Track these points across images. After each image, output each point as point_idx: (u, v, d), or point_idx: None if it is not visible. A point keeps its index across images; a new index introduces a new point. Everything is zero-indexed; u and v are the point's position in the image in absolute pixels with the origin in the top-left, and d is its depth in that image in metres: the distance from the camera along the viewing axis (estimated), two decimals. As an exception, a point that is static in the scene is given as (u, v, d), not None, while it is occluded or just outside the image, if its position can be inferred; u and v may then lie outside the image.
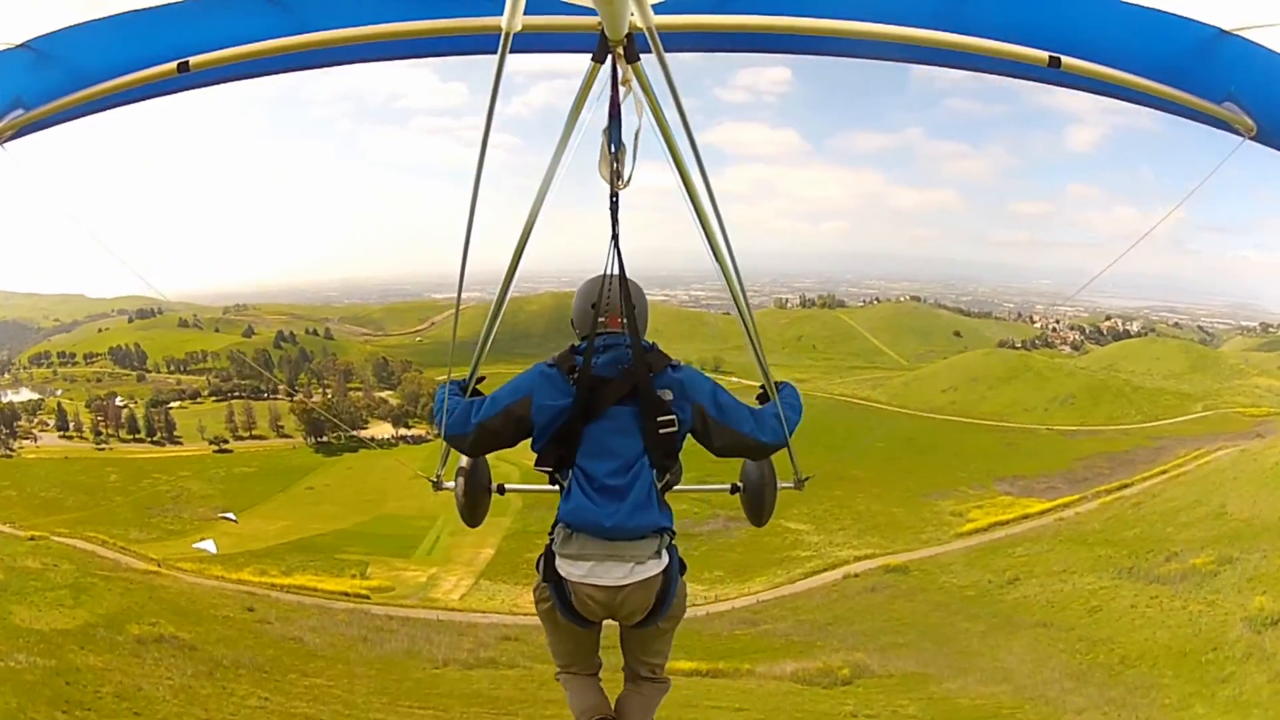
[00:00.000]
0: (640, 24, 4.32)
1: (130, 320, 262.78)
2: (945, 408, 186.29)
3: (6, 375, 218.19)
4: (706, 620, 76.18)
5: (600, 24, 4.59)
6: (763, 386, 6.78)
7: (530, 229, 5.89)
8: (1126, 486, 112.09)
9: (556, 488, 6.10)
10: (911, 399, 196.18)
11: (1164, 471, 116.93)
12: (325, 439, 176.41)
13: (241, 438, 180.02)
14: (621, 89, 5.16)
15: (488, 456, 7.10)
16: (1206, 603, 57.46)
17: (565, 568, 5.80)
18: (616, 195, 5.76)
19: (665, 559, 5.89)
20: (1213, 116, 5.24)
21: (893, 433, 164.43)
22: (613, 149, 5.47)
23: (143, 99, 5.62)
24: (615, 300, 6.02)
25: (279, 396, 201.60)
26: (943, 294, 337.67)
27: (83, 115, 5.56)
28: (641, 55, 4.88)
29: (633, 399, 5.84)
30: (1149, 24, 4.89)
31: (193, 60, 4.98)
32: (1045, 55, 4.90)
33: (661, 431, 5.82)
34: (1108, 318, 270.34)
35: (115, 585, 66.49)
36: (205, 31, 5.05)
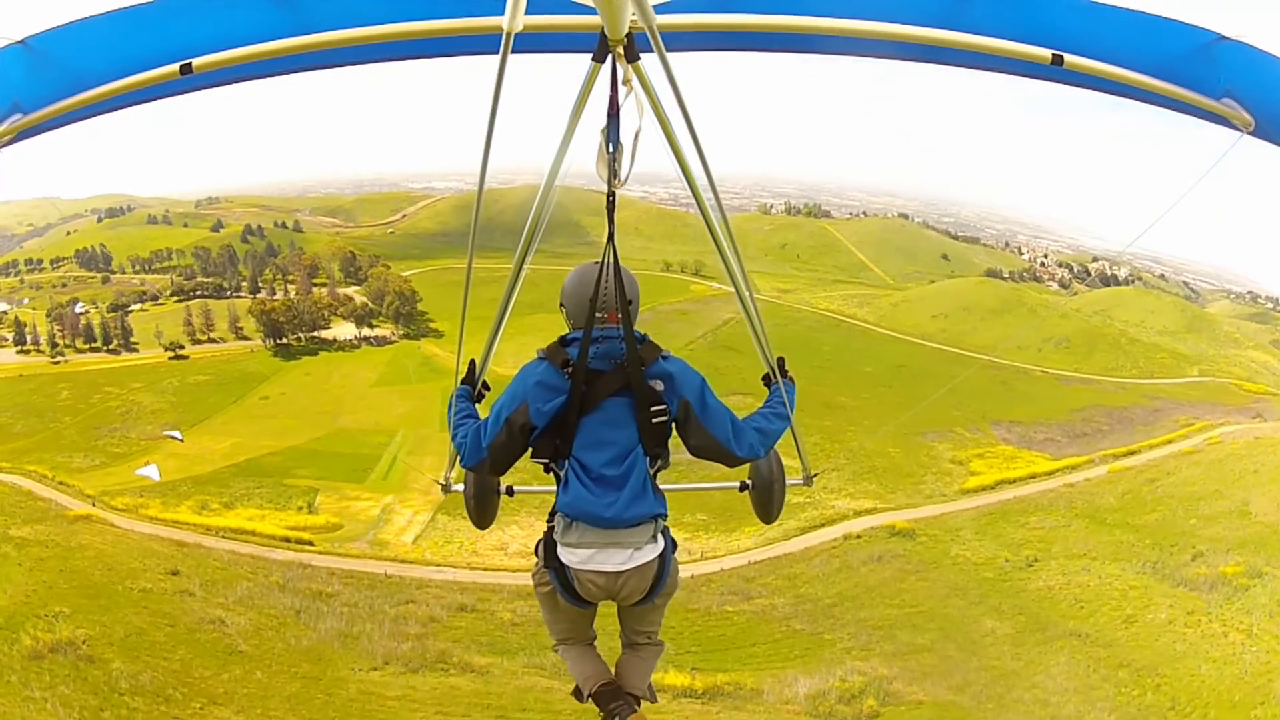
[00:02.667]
0: (641, 24, 4.19)
1: (100, 220, 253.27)
2: (936, 335, 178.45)
3: None
4: (694, 589, 69.41)
5: (601, 24, 4.45)
6: (765, 376, 6.78)
7: (533, 230, 6.00)
8: (1133, 454, 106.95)
9: (545, 471, 6.05)
10: (900, 322, 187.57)
11: (1169, 441, 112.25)
12: (285, 341, 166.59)
13: (199, 341, 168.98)
14: (622, 89, 5.05)
15: None
16: (1246, 632, 55.89)
17: (566, 555, 5.76)
18: (613, 194, 5.85)
19: (661, 543, 5.87)
20: (1212, 112, 5.20)
21: (881, 357, 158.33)
22: (610, 148, 5.37)
23: (143, 101, 5.37)
24: (612, 297, 5.87)
25: (242, 295, 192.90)
26: (926, 212, 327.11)
27: (82, 118, 5.29)
28: (642, 55, 4.73)
29: (626, 391, 5.73)
30: (1150, 27, 4.95)
31: (195, 62, 4.75)
32: (1049, 53, 4.84)
33: (654, 421, 5.73)
34: (1094, 259, 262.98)
35: (28, 556, 60.45)
36: (206, 30, 4.86)
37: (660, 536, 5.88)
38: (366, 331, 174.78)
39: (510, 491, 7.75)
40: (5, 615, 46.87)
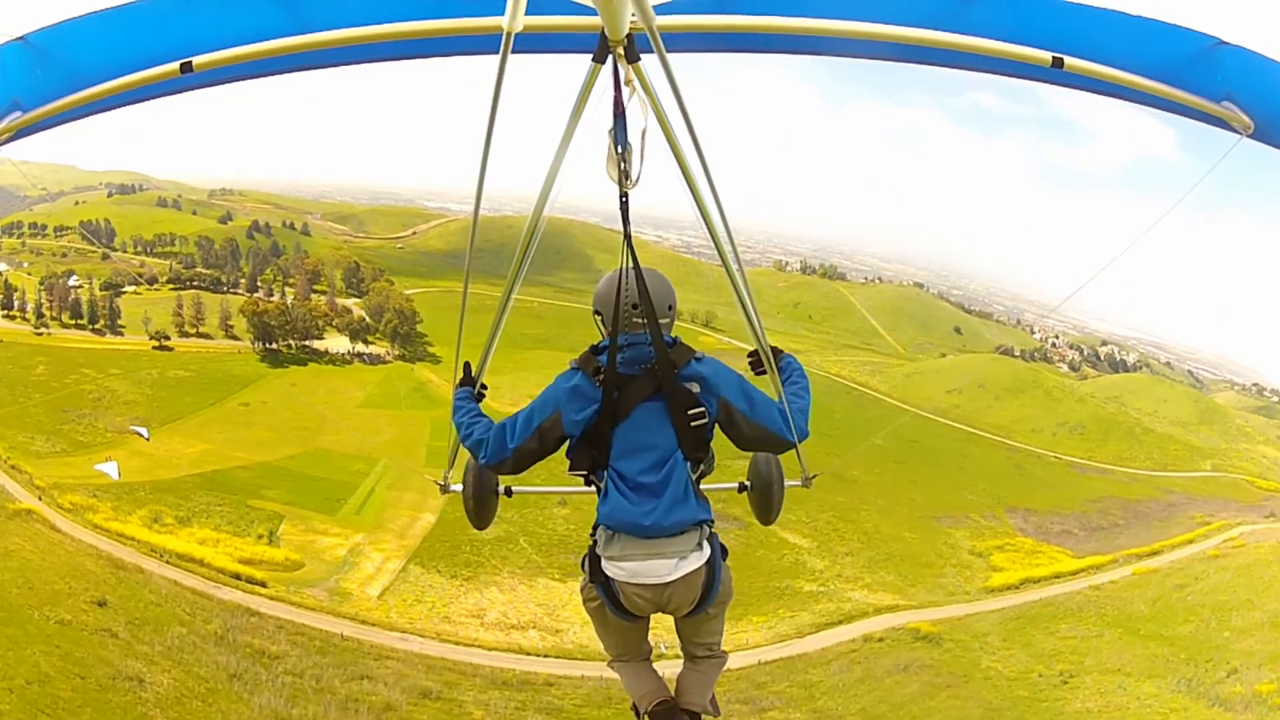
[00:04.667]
0: (641, 24, 4.17)
1: (110, 195, 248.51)
2: (949, 411, 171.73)
3: None
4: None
5: (601, 25, 4.44)
6: (751, 356, 6.63)
7: (533, 230, 5.85)
8: (1155, 554, 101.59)
9: (591, 489, 5.97)
10: (913, 394, 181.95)
11: (1190, 541, 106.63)
12: (274, 346, 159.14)
13: (187, 334, 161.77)
14: (625, 89, 5.00)
15: None
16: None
17: (610, 569, 5.60)
18: (626, 196, 5.67)
19: (707, 550, 5.67)
20: (1212, 115, 5.19)
21: (894, 430, 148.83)
22: (619, 149, 5.33)
23: (143, 100, 5.36)
24: (634, 300, 5.78)
25: (238, 292, 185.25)
26: (936, 282, 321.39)
27: (82, 116, 5.27)
28: (642, 55, 4.69)
29: (659, 395, 5.61)
30: (1150, 31, 4.94)
31: (196, 61, 4.72)
32: (1049, 56, 4.83)
33: (693, 425, 5.61)
34: (1104, 343, 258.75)
35: None
36: (206, 28, 4.86)
37: (707, 544, 5.63)
38: (361, 347, 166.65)
39: (509, 492, 7.48)
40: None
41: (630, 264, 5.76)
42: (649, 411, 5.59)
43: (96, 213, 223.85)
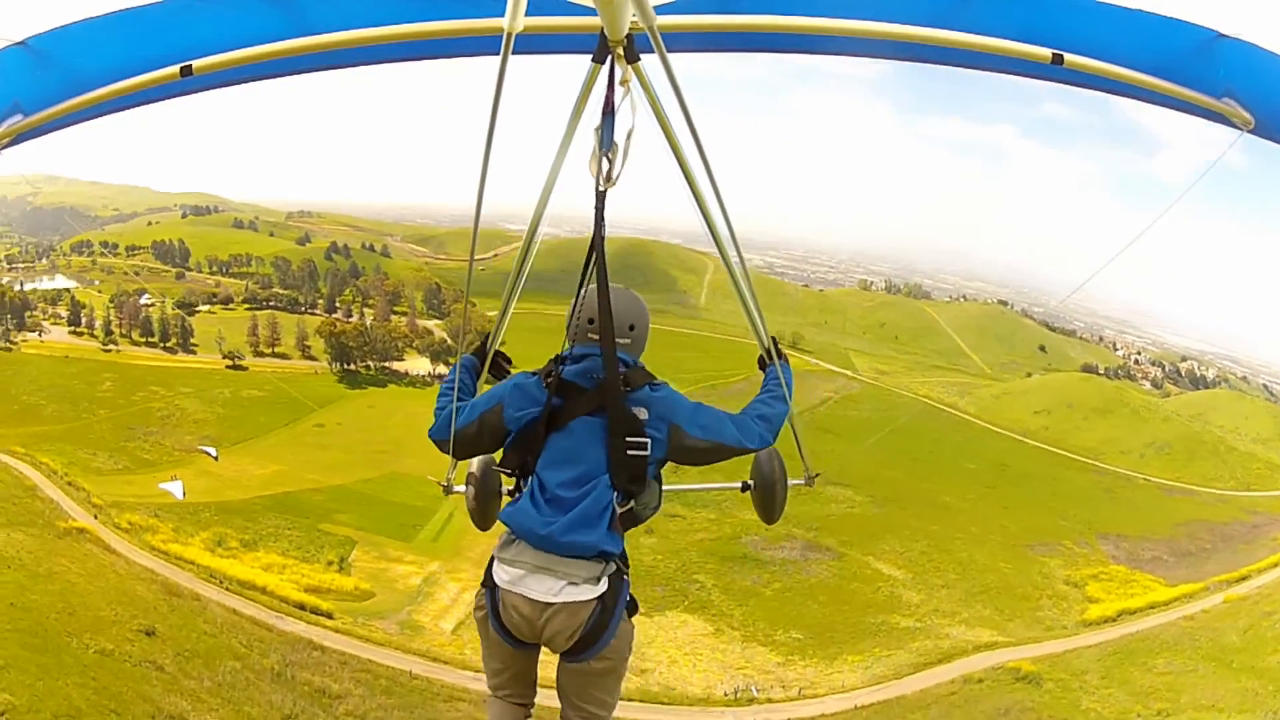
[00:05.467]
0: (641, 24, 4.17)
1: (184, 216, 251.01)
2: (1038, 433, 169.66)
3: (44, 261, 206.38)
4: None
5: (601, 25, 4.45)
6: (761, 357, 6.55)
7: (535, 230, 5.84)
8: (1244, 580, 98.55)
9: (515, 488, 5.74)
10: (1002, 416, 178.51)
11: (1275, 565, 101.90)
12: (352, 367, 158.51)
13: (262, 354, 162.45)
14: (620, 89, 4.94)
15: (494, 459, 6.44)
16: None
17: (499, 572, 5.34)
18: (603, 195, 5.35)
19: (603, 587, 5.30)
20: (1212, 111, 5.20)
21: (983, 453, 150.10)
22: (603, 148, 5.15)
23: (143, 103, 5.39)
24: (591, 308, 5.65)
25: (316, 312, 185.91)
26: (1018, 299, 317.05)
27: (82, 120, 5.30)
28: (642, 55, 4.71)
29: (601, 413, 5.42)
30: (1150, 26, 4.97)
31: (196, 64, 4.76)
32: (1049, 53, 4.83)
33: (630, 452, 5.36)
34: (1183, 358, 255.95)
35: (5, 589, 48.32)
36: (207, 32, 4.89)
37: (606, 580, 5.27)
38: (442, 369, 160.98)
39: (512, 494, 6.21)
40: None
41: (599, 273, 5.42)
42: (586, 426, 5.33)
43: (170, 233, 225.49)
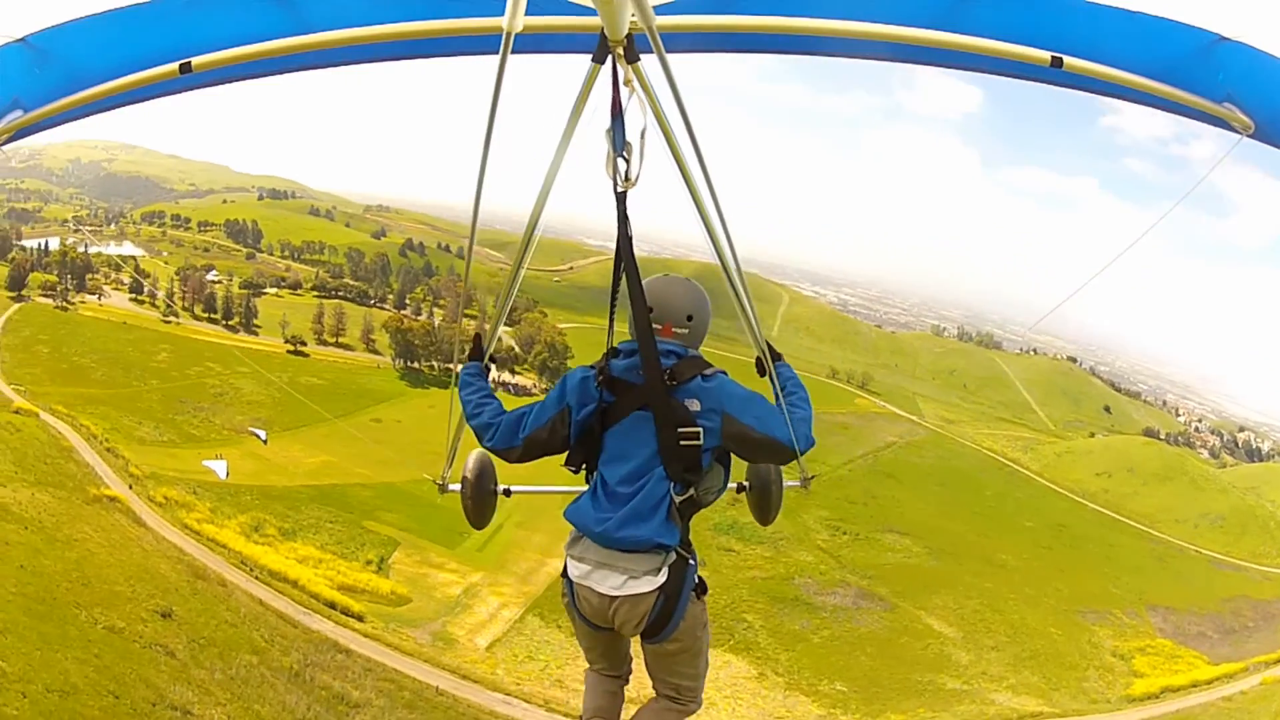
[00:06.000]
0: (641, 24, 4.19)
1: (260, 198, 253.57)
2: (1098, 495, 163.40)
3: (113, 227, 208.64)
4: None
5: (601, 25, 4.50)
6: (757, 359, 6.46)
7: (534, 227, 5.94)
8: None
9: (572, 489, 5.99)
10: (1064, 475, 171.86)
11: None
12: (416, 365, 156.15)
13: (325, 342, 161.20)
14: (624, 89, 5.04)
15: (490, 458, 6.62)
16: None
17: (570, 567, 5.64)
18: (623, 197, 5.58)
19: (663, 577, 5.48)
20: (1212, 115, 5.23)
21: (1043, 512, 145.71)
22: (617, 149, 5.33)
23: (143, 100, 5.46)
24: (666, 307, 5.84)
25: (385, 307, 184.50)
26: (1086, 356, 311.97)
27: (82, 116, 5.39)
28: (642, 55, 4.74)
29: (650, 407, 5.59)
30: (1150, 28, 4.95)
31: (195, 61, 4.79)
32: (1048, 55, 4.87)
33: (682, 443, 5.45)
34: (1241, 429, 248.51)
35: (18, 550, 47.42)
36: (206, 29, 4.90)
37: (667, 570, 5.46)
38: (507, 377, 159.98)
39: (508, 492, 7.38)
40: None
41: (628, 267, 5.70)
42: (638, 421, 5.45)
43: (244, 213, 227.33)
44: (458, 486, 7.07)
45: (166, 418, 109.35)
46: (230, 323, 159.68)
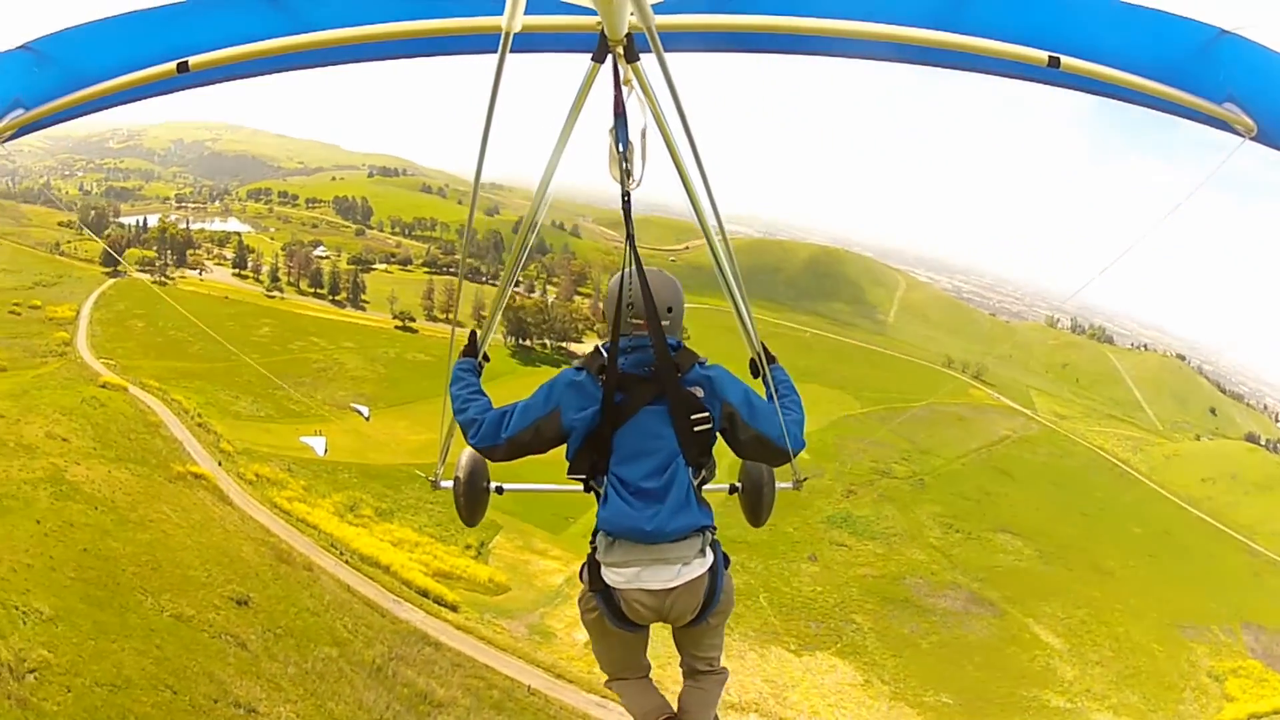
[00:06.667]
0: (640, 24, 4.14)
1: (370, 175, 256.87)
2: (1202, 502, 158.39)
3: (217, 204, 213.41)
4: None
5: (600, 24, 4.45)
6: (752, 361, 6.23)
7: (531, 225, 5.89)
8: None
9: (585, 490, 5.82)
10: (1171, 479, 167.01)
11: None
12: (527, 343, 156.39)
13: (435, 318, 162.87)
14: (625, 89, 5.01)
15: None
16: None
17: (611, 576, 5.47)
18: (628, 195, 5.61)
19: (710, 557, 5.54)
20: (1213, 117, 4.99)
21: (1149, 517, 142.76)
22: (620, 149, 5.32)
23: (142, 98, 5.43)
24: (639, 301, 5.62)
25: (497, 284, 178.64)
26: (1192, 354, 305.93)
27: (82, 114, 5.36)
28: (641, 55, 4.68)
29: (662, 399, 5.51)
30: (1149, 24, 4.84)
31: (192, 60, 4.78)
32: (1045, 55, 4.72)
33: (696, 430, 5.48)
34: None
35: (70, 513, 48.60)
36: (204, 32, 4.88)
37: (709, 550, 5.52)
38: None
39: (500, 490, 7.29)
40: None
41: (633, 265, 5.55)
42: (652, 415, 5.44)
43: (354, 190, 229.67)
44: (450, 483, 6.99)
45: (264, 392, 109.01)
46: (337, 298, 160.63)
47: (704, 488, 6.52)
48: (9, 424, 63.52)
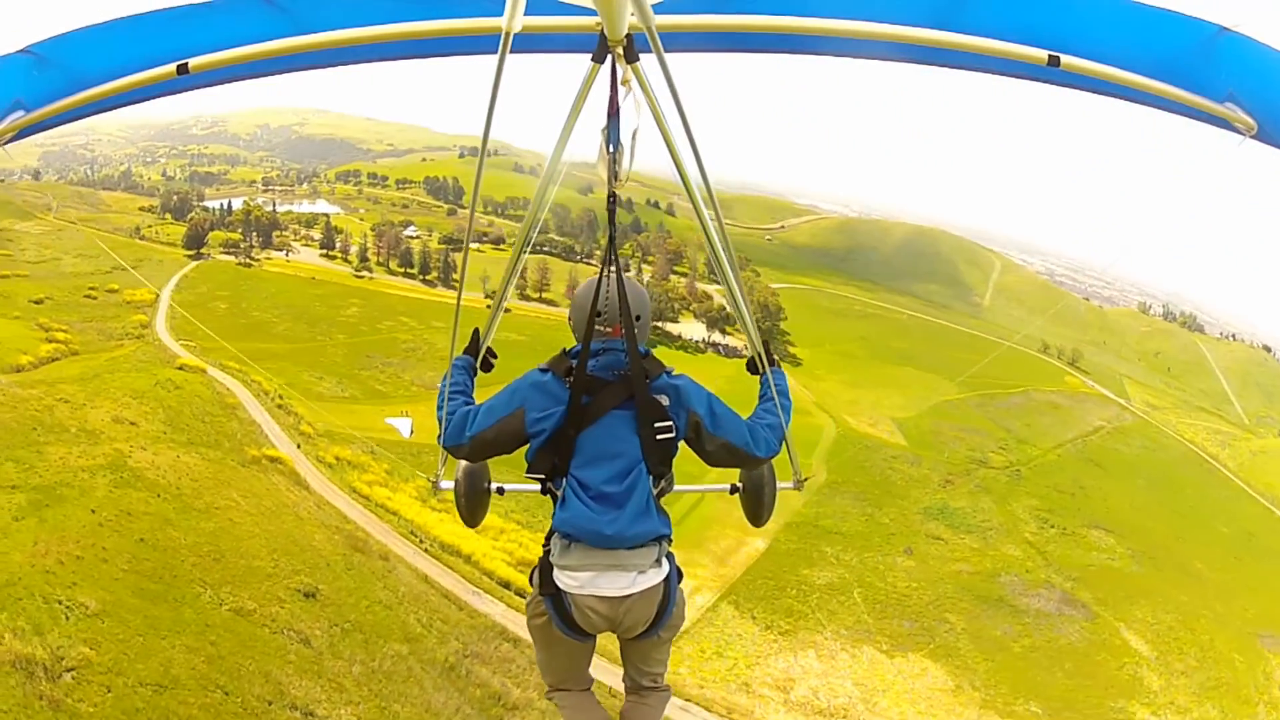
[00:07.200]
0: (640, 24, 4.18)
1: (461, 155, 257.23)
2: None
3: (305, 186, 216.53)
4: None
5: (600, 24, 4.48)
6: (751, 359, 6.51)
7: (531, 224, 6.00)
8: None
9: (542, 491, 5.90)
10: (1257, 477, 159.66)
11: None
12: None
13: (528, 298, 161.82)
14: (621, 89, 5.10)
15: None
16: None
17: (564, 579, 5.48)
18: (614, 195, 5.84)
19: (665, 567, 5.58)
20: (1213, 115, 4.99)
21: (1237, 517, 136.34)
22: (610, 148, 5.40)
23: (142, 100, 5.45)
24: (615, 307, 5.76)
25: (591, 263, 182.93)
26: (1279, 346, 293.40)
27: (83, 116, 5.38)
28: (641, 55, 4.70)
29: (629, 404, 5.58)
30: (1149, 22, 4.86)
31: (192, 62, 4.78)
32: (1045, 54, 4.73)
33: (659, 438, 5.53)
34: None
35: (129, 500, 47.35)
36: (204, 35, 4.90)
37: (665, 561, 5.51)
38: (718, 337, 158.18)
39: (500, 490, 7.39)
40: (9, 573, 35.44)
41: (612, 270, 5.75)
42: (617, 420, 5.46)
43: (445, 170, 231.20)
44: (451, 485, 7.03)
45: (350, 372, 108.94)
46: (427, 277, 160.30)
47: (705, 489, 7.83)
48: (73, 409, 62.06)
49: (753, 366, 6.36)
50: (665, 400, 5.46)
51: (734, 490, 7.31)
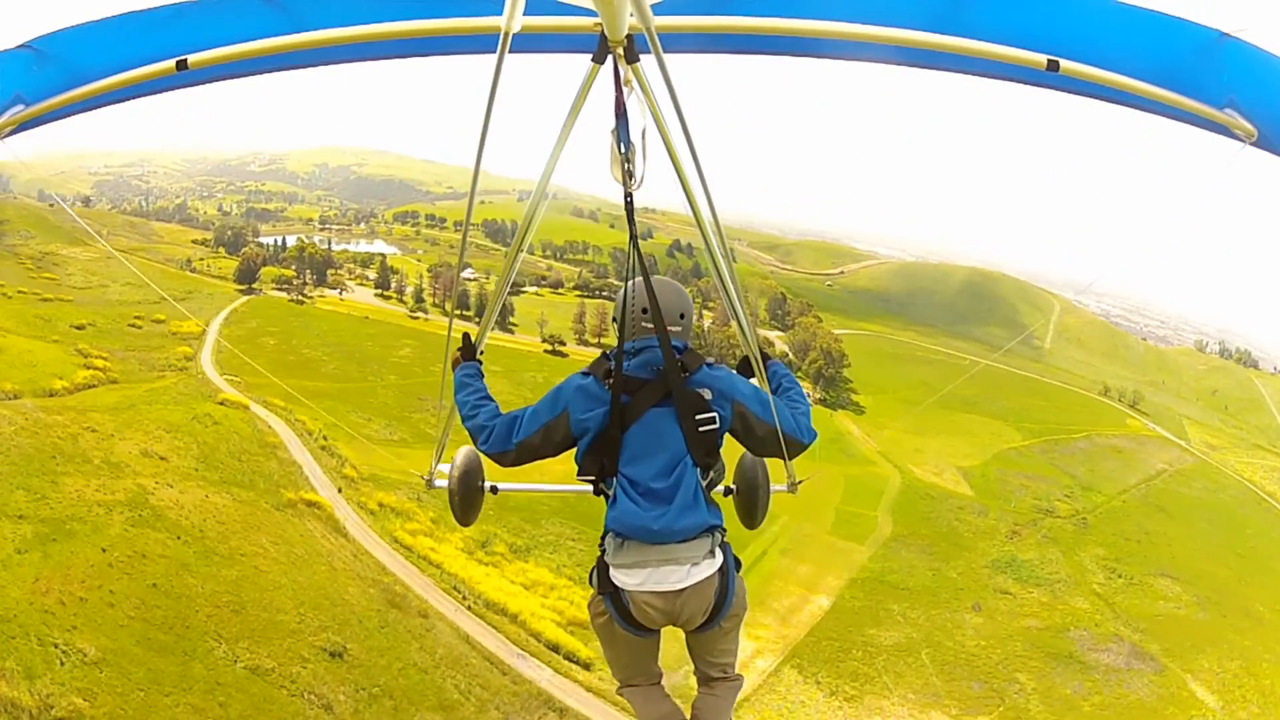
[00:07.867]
0: (640, 25, 4.24)
1: (521, 199, 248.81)
2: None
3: (362, 226, 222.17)
4: None
5: (600, 25, 4.59)
6: (745, 359, 6.54)
7: (528, 224, 6.00)
8: None
9: (595, 493, 5.97)
10: None
11: None
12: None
13: (586, 342, 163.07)
14: (625, 90, 5.12)
15: (479, 455, 6.97)
16: None
17: (620, 577, 5.60)
18: (631, 196, 5.71)
19: (720, 558, 5.62)
20: (1213, 122, 5.05)
21: None
22: (622, 149, 5.43)
23: (142, 95, 5.57)
24: (642, 304, 5.93)
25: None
26: None
27: (82, 111, 5.50)
28: (641, 55, 4.81)
29: (669, 400, 5.68)
30: (1149, 27, 4.88)
31: (191, 59, 4.89)
32: (1044, 59, 4.78)
33: (702, 430, 5.63)
34: None
35: (144, 541, 45.99)
36: (204, 32, 5.01)
37: (719, 551, 5.53)
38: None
39: (494, 490, 7.45)
40: (4, 608, 34.82)
41: (639, 268, 5.81)
42: (659, 416, 5.58)
43: (504, 214, 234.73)
44: (444, 483, 7.18)
45: (401, 415, 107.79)
46: None
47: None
48: (100, 438, 60.26)
49: (746, 368, 6.30)
50: (707, 393, 5.47)
51: (728, 492, 7.18)
